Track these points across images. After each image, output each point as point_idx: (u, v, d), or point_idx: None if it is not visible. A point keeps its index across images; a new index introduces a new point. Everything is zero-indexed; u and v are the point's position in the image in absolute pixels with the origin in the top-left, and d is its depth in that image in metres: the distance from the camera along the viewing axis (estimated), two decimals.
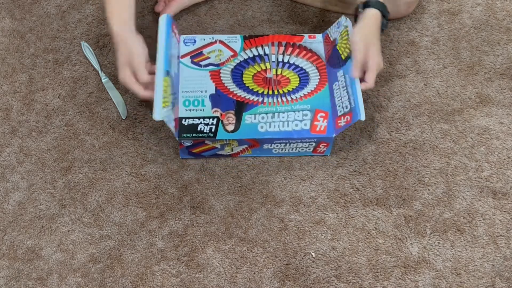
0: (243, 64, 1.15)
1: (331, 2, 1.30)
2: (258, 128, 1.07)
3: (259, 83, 1.13)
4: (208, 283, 1.01)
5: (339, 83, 1.09)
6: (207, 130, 1.06)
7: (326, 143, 1.09)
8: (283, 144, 1.09)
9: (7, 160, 1.15)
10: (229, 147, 1.09)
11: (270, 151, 1.11)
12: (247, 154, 1.12)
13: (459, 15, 1.30)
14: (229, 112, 1.09)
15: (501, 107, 1.18)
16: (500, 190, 1.09)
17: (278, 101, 1.11)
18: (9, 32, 1.31)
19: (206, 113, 1.08)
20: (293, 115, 1.09)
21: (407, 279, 1.01)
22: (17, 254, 1.05)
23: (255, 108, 1.10)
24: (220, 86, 1.12)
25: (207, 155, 1.11)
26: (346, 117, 1.05)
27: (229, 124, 1.07)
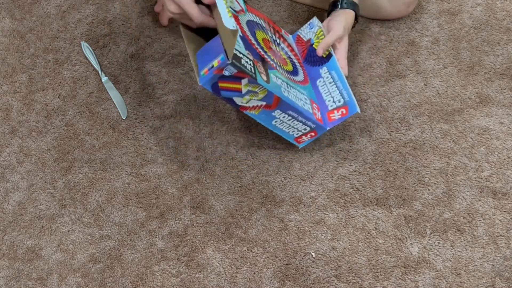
0: (252, 24, 1.08)
1: None
2: (282, 90, 1.02)
3: (268, 48, 1.08)
4: (208, 283, 1.01)
5: (324, 79, 1.09)
6: (249, 68, 0.97)
7: (315, 133, 1.09)
8: (290, 118, 1.05)
9: (7, 160, 1.15)
10: (250, 97, 1.01)
11: (272, 120, 1.06)
12: (253, 113, 1.05)
13: (459, 15, 1.30)
14: (258, 62, 1.01)
15: (501, 107, 1.18)
16: (500, 190, 1.09)
17: (286, 75, 1.08)
18: (9, 32, 1.31)
19: (242, 50, 0.97)
20: (300, 95, 1.07)
21: (407, 279, 1.01)
22: (17, 254, 1.05)
23: (274, 71, 1.04)
24: (244, 33, 1.03)
25: (224, 95, 1.00)
26: (340, 110, 1.05)
27: (262, 73, 1.00)
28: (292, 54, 1.15)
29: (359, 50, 1.26)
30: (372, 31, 1.29)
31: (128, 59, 1.26)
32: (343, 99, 1.05)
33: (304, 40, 1.16)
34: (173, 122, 1.19)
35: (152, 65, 1.25)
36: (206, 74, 0.96)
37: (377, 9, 1.26)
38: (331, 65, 1.09)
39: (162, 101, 1.21)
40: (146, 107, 1.21)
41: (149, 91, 1.22)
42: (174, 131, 1.17)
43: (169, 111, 1.20)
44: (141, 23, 1.31)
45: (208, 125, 1.18)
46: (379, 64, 1.24)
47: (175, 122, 1.19)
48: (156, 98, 1.22)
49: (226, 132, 1.17)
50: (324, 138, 1.15)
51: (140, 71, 1.25)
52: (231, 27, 0.91)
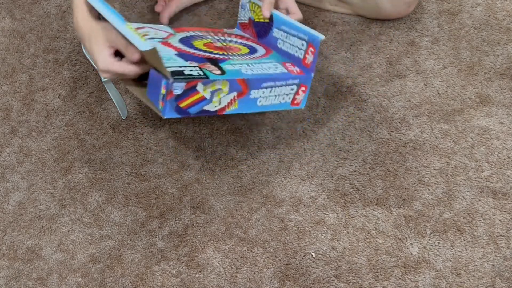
0: (185, 39, 1.09)
1: (330, 2, 1.30)
2: (243, 71, 1.01)
3: (213, 48, 1.08)
4: (208, 283, 1.01)
5: (281, 38, 1.09)
6: (196, 73, 0.96)
7: (305, 86, 1.07)
8: (269, 89, 1.03)
9: (7, 160, 1.15)
10: (218, 96, 0.99)
11: (255, 102, 1.04)
12: (232, 109, 1.03)
13: (459, 15, 1.30)
14: (205, 63, 1.01)
15: (501, 107, 1.18)
16: (500, 190, 1.09)
17: (243, 58, 1.07)
18: (9, 32, 1.31)
19: (182, 63, 0.97)
20: (266, 65, 1.06)
21: (407, 279, 1.01)
22: (17, 254, 1.05)
23: (227, 61, 1.03)
24: (179, 50, 1.03)
25: (193, 111, 0.99)
26: (309, 50, 1.04)
27: (213, 70, 0.99)
28: (244, 40, 1.16)
29: (359, 50, 1.26)
30: (372, 31, 1.29)
31: None
32: (304, 40, 1.05)
33: (246, 22, 1.16)
34: (173, 122, 1.19)
35: None
36: (164, 106, 0.95)
37: (377, 9, 1.26)
38: (277, 23, 1.09)
39: None
40: (146, 107, 1.21)
41: None
42: (174, 131, 1.18)
43: None
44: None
45: (208, 125, 1.18)
46: (379, 64, 1.24)
47: (175, 122, 1.19)
48: None
49: (226, 132, 1.17)
50: (324, 138, 1.15)
51: None
52: (149, 47, 0.89)
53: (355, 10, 1.29)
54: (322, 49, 1.27)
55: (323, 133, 1.16)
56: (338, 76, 1.23)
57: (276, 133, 1.17)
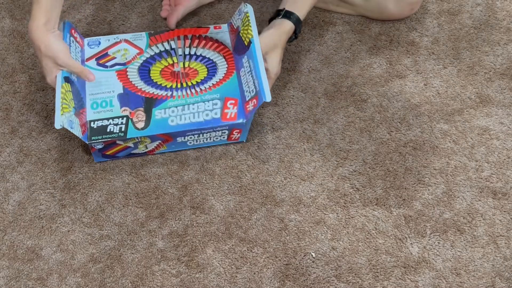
0: (149, 60, 1.15)
1: (333, 3, 1.30)
2: (169, 122, 1.08)
3: (167, 77, 1.13)
4: (208, 283, 1.01)
5: (245, 68, 1.11)
6: (117, 130, 1.06)
7: (238, 129, 1.10)
8: (196, 135, 1.09)
9: (7, 160, 1.15)
10: (142, 145, 1.09)
11: (185, 143, 1.12)
12: (162, 150, 1.12)
13: (459, 15, 1.30)
14: (138, 110, 1.09)
15: (501, 107, 1.18)
16: (500, 190, 1.09)
17: (187, 93, 1.11)
18: (9, 32, 1.31)
19: (115, 113, 1.08)
20: (203, 105, 1.10)
21: (407, 279, 1.01)
22: (17, 254, 1.05)
23: (164, 103, 1.10)
24: (128, 85, 1.11)
25: (122, 155, 1.11)
26: (253, 101, 1.07)
27: (138, 121, 1.07)
28: (217, 51, 1.17)
29: (359, 50, 1.26)
30: (372, 31, 1.29)
31: None
32: (255, 89, 1.07)
33: (234, 27, 1.17)
34: None
35: None
36: (93, 153, 1.10)
37: (381, 10, 1.26)
38: (250, 53, 1.09)
39: None
40: None
41: None
42: None
43: None
44: (141, 23, 1.31)
45: None
46: (379, 64, 1.24)
47: None
48: None
49: None
50: (324, 138, 1.15)
51: None
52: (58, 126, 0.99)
53: (358, 10, 1.29)
54: (322, 49, 1.27)
55: (323, 133, 1.16)
56: (338, 76, 1.23)
57: (276, 133, 1.17)
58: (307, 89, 1.22)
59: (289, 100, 1.21)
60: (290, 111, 1.19)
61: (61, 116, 1.00)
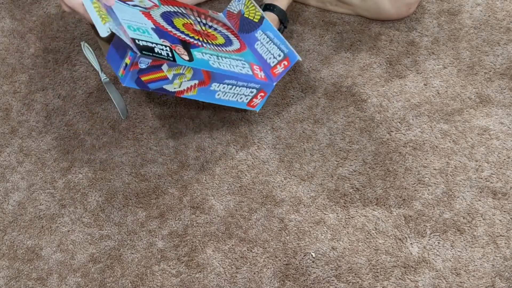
0: (168, 14, 1.11)
1: (331, 2, 1.30)
2: (210, 63, 1.05)
3: (191, 31, 1.11)
4: (208, 283, 1.01)
5: (261, 40, 1.13)
6: (165, 54, 0.99)
7: (264, 92, 1.12)
8: (230, 86, 1.08)
9: (7, 160, 1.15)
10: (180, 80, 1.03)
11: (213, 94, 1.08)
12: (191, 95, 1.06)
13: (459, 15, 1.30)
14: (177, 45, 1.04)
15: (501, 107, 1.18)
16: (500, 190, 1.09)
17: (216, 48, 1.10)
18: (9, 32, 1.31)
19: (156, 40, 1.00)
20: (235, 62, 1.10)
21: (407, 279, 1.01)
22: (17, 254, 1.05)
23: (199, 48, 1.07)
24: (157, 24, 1.06)
25: (152, 87, 1.02)
26: (282, 63, 1.10)
27: (182, 54, 1.03)
28: (224, 29, 1.18)
29: (359, 50, 1.26)
30: (372, 31, 1.29)
31: None
32: (283, 53, 1.10)
33: (235, 13, 1.19)
34: (173, 122, 1.19)
35: None
36: (124, 74, 0.98)
37: (378, 10, 1.26)
38: (265, 27, 1.13)
39: (162, 101, 1.21)
40: (146, 107, 1.21)
41: (149, 91, 1.22)
42: (174, 131, 1.18)
43: (169, 111, 1.20)
44: None
45: (208, 125, 1.18)
46: (379, 64, 1.24)
47: (175, 122, 1.19)
48: (156, 98, 1.22)
49: (226, 132, 1.17)
50: (324, 138, 1.15)
51: None
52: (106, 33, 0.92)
53: (355, 10, 1.29)
54: (322, 49, 1.27)
55: (323, 133, 1.16)
56: (338, 76, 1.23)
57: (276, 133, 1.17)
58: (307, 89, 1.22)
59: (289, 100, 1.21)
60: (290, 111, 1.19)
61: (103, 25, 0.93)
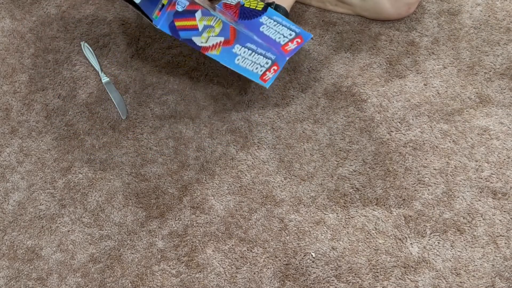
0: None
1: (331, 2, 1.30)
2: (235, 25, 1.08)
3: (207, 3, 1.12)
4: (208, 283, 1.01)
5: (267, 24, 1.15)
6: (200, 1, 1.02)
7: (277, 66, 1.12)
8: (250, 52, 1.10)
9: (7, 160, 1.15)
10: (208, 33, 1.06)
11: (234, 58, 1.10)
12: (214, 54, 1.09)
13: (459, 15, 1.30)
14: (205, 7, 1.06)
15: (501, 107, 1.18)
16: (500, 190, 1.09)
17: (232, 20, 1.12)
18: (9, 32, 1.31)
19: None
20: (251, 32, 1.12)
21: (407, 279, 1.01)
22: (17, 254, 1.05)
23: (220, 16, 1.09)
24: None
25: (183, 35, 1.04)
26: (295, 40, 1.12)
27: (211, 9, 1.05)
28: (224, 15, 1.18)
29: (359, 50, 1.26)
30: (372, 31, 1.29)
31: (128, 59, 1.26)
32: (294, 32, 1.13)
33: (232, 4, 1.19)
34: (173, 122, 1.19)
35: (152, 65, 1.25)
36: (159, 16, 0.99)
37: (378, 10, 1.26)
38: (270, 13, 1.15)
39: (162, 101, 1.21)
40: (146, 107, 1.21)
41: (149, 91, 1.23)
42: (174, 131, 1.18)
43: (169, 111, 1.20)
44: (141, 23, 1.31)
45: (208, 125, 1.18)
46: (379, 64, 1.24)
47: (175, 122, 1.19)
48: (156, 98, 1.22)
49: (226, 132, 1.17)
50: (324, 138, 1.15)
51: (140, 71, 1.25)
52: None
53: (355, 10, 1.29)
54: (322, 49, 1.27)
55: (323, 133, 1.16)
56: (338, 76, 1.23)
57: (276, 133, 1.17)
58: (307, 89, 1.22)
59: (289, 100, 1.21)
60: (290, 111, 1.19)
61: None
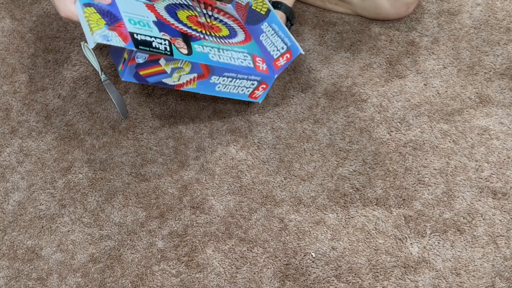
0: (172, 6, 1.12)
1: (330, 1, 1.30)
2: (210, 57, 1.07)
3: (194, 23, 1.12)
4: (208, 283, 1.01)
5: (267, 33, 1.16)
6: (163, 48, 1.01)
7: (266, 84, 1.13)
8: (230, 79, 1.09)
9: (7, 160, 1.15)
10: (178, 73, 1.05)
11: (214, 86, 1.10)
12: (190, 88, 1.08)
13: (459, 15, 1.30)
14: (177, 38, 1.05)
15: (501, 107, 1.18)
16: (500, 190, 1.09)
17: (218, 41, 1.12)
18: (9, 32, 1.31)
19: (155, 34, 1.02)
20: (236, 54, 1.11)
21: (407, 279, 1.01)
22: (17, 254, 1.05)
23: (200, 41, 1.08)
24: (160, 17, 1.07)
25: (151, 81, 1.04)
26: (285, 55, 1.12)
27: (181, 48, 1.04)
28: (230, 20, 1.20)
29: (359, 50, 1.26)
30: (372, 31, 1.29)
31: None
32: (286, 45, 1.12)
33: (243, 4, 1.21)
34: (173, 122, 1.19)
35: None
36: (123, 69, 1.00)
37: (377, 10, 1.26)
38: (271, 19, 1.16)
39: (162, 101, 1.21)
40: (146, 107, 1.21)
41: (149, 91, 1.23)
42: (174, 131, 1.18)
43: (169, 111, 1.20)
44: None
45: (208, 125, 1.18)
46: (379, 64, 1.24)
47: (175, 122, 1.19)
48: (156, 98, 1.22)
49: (226, 132, 1.17)
50: (324, 138, 1.15)
51: None
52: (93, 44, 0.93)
53: (355, 10, 1.29)
54: (322, 49, 1.27)
55: (323, 133, 1.16)
56: (338, 76, 1.23)
57: (276, 133, 1.17)
58: (307, 89, 1.22)
59: (289, 100, 1.21)
60: (290, 111, 1.19)
61: (91, 35, 0.93)
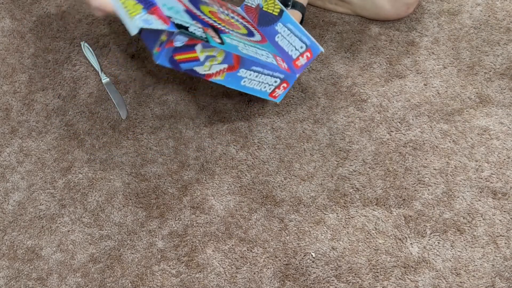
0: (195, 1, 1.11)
1: (330, 1, 1.30)
2: (239, 48, 1.06)
3: (217, 18, 1.11)
4: (208, 283, 1.01)
5: (282, 33, 1.14)
6: (200, 34, 1.00)
7: (287, 83, 1.12)
8: (256, 74, 1.09)
9: (7, 160, 1.15)
10: (210, 62, 1.04)
11: (240, 80, 1.09)
12: (218, 79, 1.07)
13: (459, 15, 1.30)
14: (208, 28, 1.04)
15: (501, 107, 1.18)
16: (500, 190, 1.09)
17: (241, 37, 1.11)
18: (9, 32, 1.31)
19: (189, 20, 1.00)
20: (260, 51, 1.11)
21: (407, 279, 1.01)
22: (17, 254, 1.05)
23: (227, 34, 1.08)
24: (188, 8, 1.06)
25: (184, 67, 1.02)
26: (305, 54, 1.10)
27: (214, 37, 1.03)
28: (244, 21, 1.19)
29: (359, 50, 1.26)
30: (372, 31, 1.29)
31: (128, 59, 1.26)
32: (305, 44, 1.11)
33: (253, 7, 1.20)
34: (173, 122, 1.19)
35: (152, 65, 1.25)
36: (159, 51, 0.98)
37: (377, 10, 1.26)
38: (285, 19, 1.14)
39: (162, 101, 1.21)
40: (146, 107, 1.21)
41: (149, 91, 1.23)
42: (174, 131, 1.18)
43: (169, 111, 1.20)
44: None
45: (208, 125, 1.18)
46: (379, 64, 1.24)
47: (175, 122, 1.19)
48: (156, 98, 1.22)
49: (226, 132, 1.17)
50: (324, 138, 1.15)
51: (140, 71, 1.25)
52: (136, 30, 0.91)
53: (355, 10, 1.29)
54: None
55: (323, 133, 1.16)
56: (338, 76, 1.23)
57: (276, 133, 1.17)
58: (307, 89, 1.22)
59: (289, 100, 1.21)
60: (290, 111, 1.19)
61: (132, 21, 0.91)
